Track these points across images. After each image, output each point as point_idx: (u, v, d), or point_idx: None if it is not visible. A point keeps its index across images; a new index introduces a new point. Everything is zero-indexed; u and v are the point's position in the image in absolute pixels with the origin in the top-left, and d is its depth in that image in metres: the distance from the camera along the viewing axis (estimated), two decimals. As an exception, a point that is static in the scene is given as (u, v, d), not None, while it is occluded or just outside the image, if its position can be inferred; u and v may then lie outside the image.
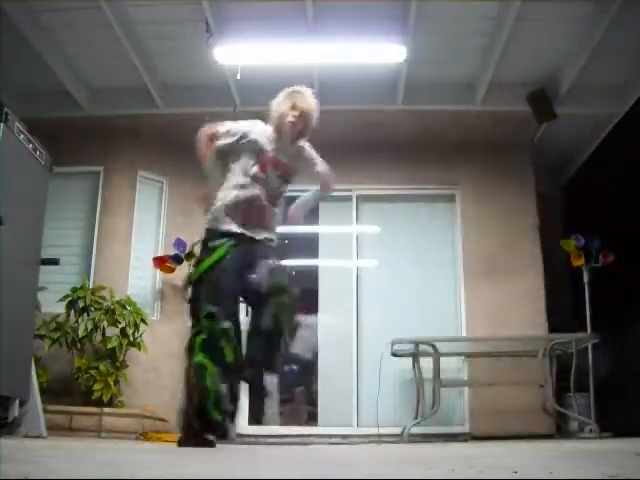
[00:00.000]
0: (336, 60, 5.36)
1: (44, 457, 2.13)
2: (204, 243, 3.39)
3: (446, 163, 6.49)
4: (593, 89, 5.71)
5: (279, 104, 3.68)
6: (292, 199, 3.75)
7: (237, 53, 5.21)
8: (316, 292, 6.46)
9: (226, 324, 3.21)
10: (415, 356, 5.42)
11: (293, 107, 3.63)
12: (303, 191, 3.89)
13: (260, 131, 3.66)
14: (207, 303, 3.19)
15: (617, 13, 4.63)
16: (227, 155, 3.63)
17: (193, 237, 6.24)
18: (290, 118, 3.60)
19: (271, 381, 3.49)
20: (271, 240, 3.49)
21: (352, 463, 2.37)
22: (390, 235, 6.56)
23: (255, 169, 3.51)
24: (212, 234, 3.36)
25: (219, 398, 3.08)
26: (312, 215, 6.71)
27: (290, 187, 3.74)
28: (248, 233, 3.36)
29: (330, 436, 5.78)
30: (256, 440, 5.79)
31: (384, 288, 6.39)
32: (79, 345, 5.35)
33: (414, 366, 5.44)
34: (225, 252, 3.27)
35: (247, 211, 3.41)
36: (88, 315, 5.37)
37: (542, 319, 5.96)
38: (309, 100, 3.68)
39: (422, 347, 5.35)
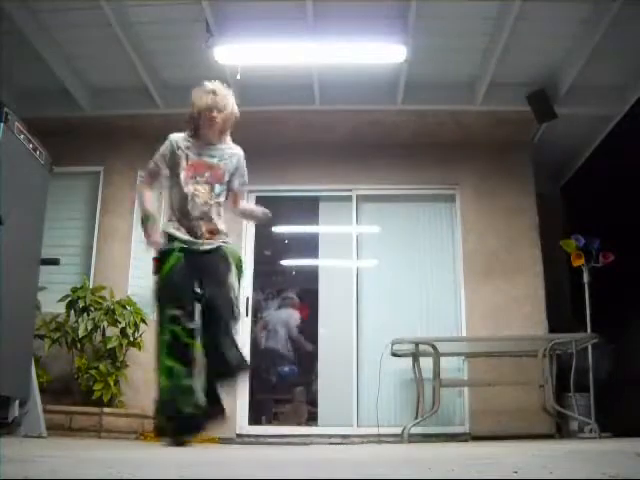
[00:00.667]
0: (336, 60, 5.36)
1: (44, 457, 2.13)
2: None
3: (446, 163, 6.49)
4: (593, 89, 5.71)
5: (196, 103, 3.77)
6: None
7: (237, 53, 5.21)
8: (316, 292, 6.46)
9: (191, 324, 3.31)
10: (415, 356, 5.42)
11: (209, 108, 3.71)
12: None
13: (177, 140, 3.73)
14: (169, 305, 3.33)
15: (617, 13, 4.63)
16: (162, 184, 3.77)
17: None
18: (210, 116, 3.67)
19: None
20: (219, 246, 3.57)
21: (352, 463, 2.37)
22: (390, 235, 6.56)
23: (182, 184, 3.61)
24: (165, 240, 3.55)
25: (190, 393, 3.21)
26: (312, 215, 6.73)
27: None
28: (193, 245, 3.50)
29: (330, 436, 5.78)
30: (256, 440, 5.79)
31: (384, 288, 6.39)
32: (79, 345, 5.35)
33: (414, 366, 5.44)
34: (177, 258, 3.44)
35: (188, 226, 3.56)
36: (88, 315, 5.36)
37: (542, 319, 5.96)
38: (226, 98, 3.80)
39: (422, 347, 5.35)
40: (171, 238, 3.55)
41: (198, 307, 3.39)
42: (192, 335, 3.31)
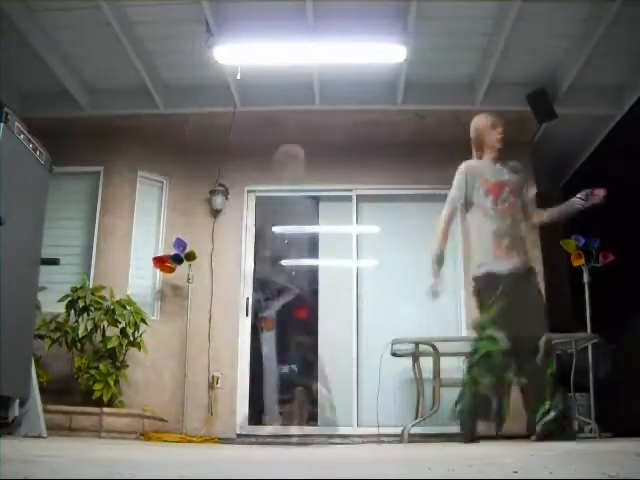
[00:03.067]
0: (336, 60, 5.36)
1: (44, 457, 2.13)
2: None
3: (446, 163, 6.44)
4: (593, 89, 5.71)
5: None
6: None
7: (237, 53, 5.21)
8: (316, 292, 6.46)
9: None
10: (415, 356, 5.42)
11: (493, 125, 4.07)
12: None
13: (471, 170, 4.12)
14: None
15: (616, 13, 4.63)
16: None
17: (193, 237, 6.27)
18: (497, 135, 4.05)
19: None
20: None
21: (352, 463, 2.37)
22: (390, 235, 6.55)
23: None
24: None
25: None
26: (312, 215, 6.72)
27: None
28: None
29: (330, 436, 5.78)
30: (256, 440, 5.79)
31: (384, 288, 6.39)
32: (79, 345, 5.35)
33: (414, 366, 5.43)
34: None
35: None
36: (88, 315, 5.36)
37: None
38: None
39: (422, 347, 5.35)
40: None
41: None
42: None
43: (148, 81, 5.67)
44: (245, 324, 6.29)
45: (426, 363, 5.40)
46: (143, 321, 5.52)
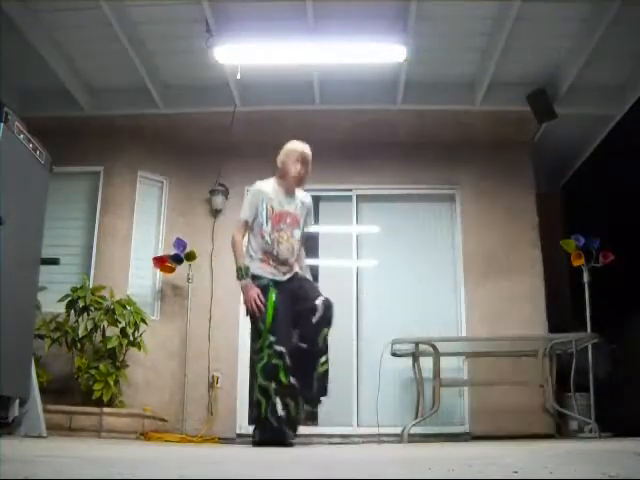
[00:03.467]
0: (336, 60, 5.36)
1: (44, 457, 2.13)
2: None
3: (446, 163, 6.49)
4: (593, 89, 5.72)
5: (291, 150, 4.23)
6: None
7: (237, 53, 5.21)
8: (316, 292, 6.44)
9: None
10: (415, 356, 5.42)
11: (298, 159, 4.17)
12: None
13: (263, 191, 4.19)
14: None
15: (616, 13, 4.64)
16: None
17: (193, 237, 6.27)
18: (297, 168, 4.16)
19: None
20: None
21: (352, 463, 2.37)
22: (390, 235, 6.55)
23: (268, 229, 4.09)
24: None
25: (274, 407, 3.77)
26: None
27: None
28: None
29: (330, 436, 5.78)
30: (256, 440, 5.78)
31: (384, 288, 6.39)
32: (79, 345, 5.35)
33: (414, 366, 5.44)
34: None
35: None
36: (88, 315, 5.36)
37: (542, 319, 5.96)
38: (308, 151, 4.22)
39: (422, 347, 5.35)
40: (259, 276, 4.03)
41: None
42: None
43: (148, 81, 5.67)
44: (245, 324, 6.28)
45: (426, 363, 5.40)
46: (143, 321, 5.52)
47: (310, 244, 6.74)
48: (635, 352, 5.31)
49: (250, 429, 6.00)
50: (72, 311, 5.42)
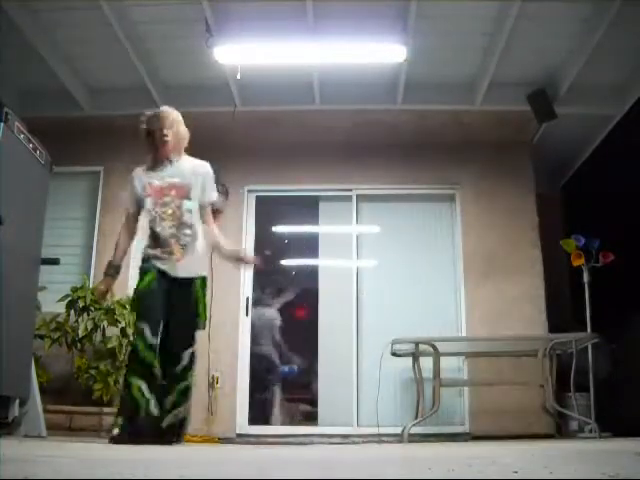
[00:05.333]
0: (336, 60, 5.36)
1: (44, 457, 2.13)
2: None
3: (446, 163, 6.49)
4: (593, 89, 5.71)
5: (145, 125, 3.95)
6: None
7: (237, 53, 5.21)
8: (316, 292, 6.46)
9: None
10: (415, 356, 5.42)
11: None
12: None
13: (137, 176, 4.00)
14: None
15: (617, 13, 4.63)
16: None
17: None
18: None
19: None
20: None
21: (352, 463, 2.37)
22: (390, 235, 6.55)
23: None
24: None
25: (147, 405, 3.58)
26: (312, 215, 6.72)
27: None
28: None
29: (330, 436, 5.78)
30: (256, 440, 5.79)
31: (384, 288, 6.38)
32: (79, 345, 5.35)
33: (414, 366, 5.43)
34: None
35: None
36: (88, 315, 5.36)
37: (542, 319, 5.95)
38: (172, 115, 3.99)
39: (422, 347, 5.35)
40: (147, 259, 3.78)
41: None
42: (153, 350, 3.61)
43: (148, 81, 5.67)
44: (245, 324, 6.29)
45: (426, 363, 5.40)
46: (143, 321, 5.51)
47: (310, 244, 6.77)
48: (635, 352, 5.31)
49: (250, 429, 6.04)
50: (72, 311, 5.42)
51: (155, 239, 3.76)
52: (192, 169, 3.92)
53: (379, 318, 6.23)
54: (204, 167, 3.97)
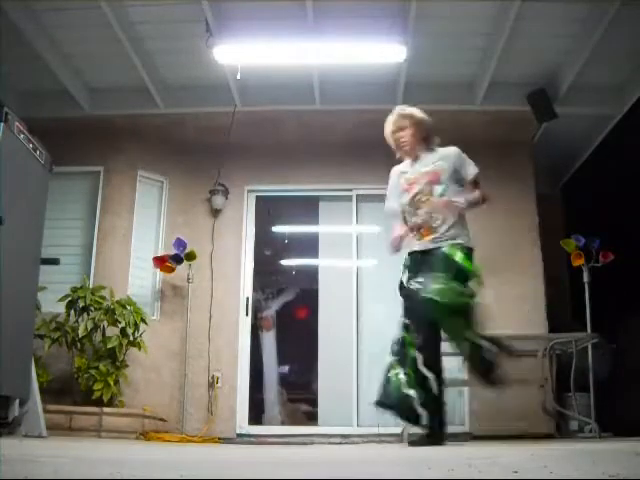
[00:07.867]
0: (336, 60, 5.36)
1: (44, 457, 2.13)
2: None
3: (446, 163, 6.47)
4: (593, 89, 5.71)
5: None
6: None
7: (237, 53, 5.21)
8: (316, 292, 6.45)
9: None
10: (415, 356, 5.41)
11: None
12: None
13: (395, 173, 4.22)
14: None
15: (616, 13, 4.64)
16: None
17: (193, 237, 6.26)
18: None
19: None
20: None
21: (352, 463, 2.37)
22: (390, 235, 6.54)
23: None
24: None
25: None
26: (312, 215, 6.72)
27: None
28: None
29: (330, 436, 5.78)
30: (256, 440, 5.79)
31: (384, 288, 6.37)
32: (79, 345, 5.35)
33: (414, 366, 5.42)
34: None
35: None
36: (88, 315, 5.36)
37: (542, 319, 5.95)
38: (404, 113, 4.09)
39: (422, 347, 5.33)
40: None
41: None
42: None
43: (148, 81, 5.67)
44: (245, 324, 6.29)
45: (426, 363, 5.38)
46: (143, 321, 5.52)
47: (310, 244, 6.77)
48: (635, 352, 5.31)
49: (250, 429, 6.04)
50: (72, 311, 5.42)
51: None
52: (440, 156, 4.15)
53: (379, 318, 6.22)
54: (451, 151, 4.23)
